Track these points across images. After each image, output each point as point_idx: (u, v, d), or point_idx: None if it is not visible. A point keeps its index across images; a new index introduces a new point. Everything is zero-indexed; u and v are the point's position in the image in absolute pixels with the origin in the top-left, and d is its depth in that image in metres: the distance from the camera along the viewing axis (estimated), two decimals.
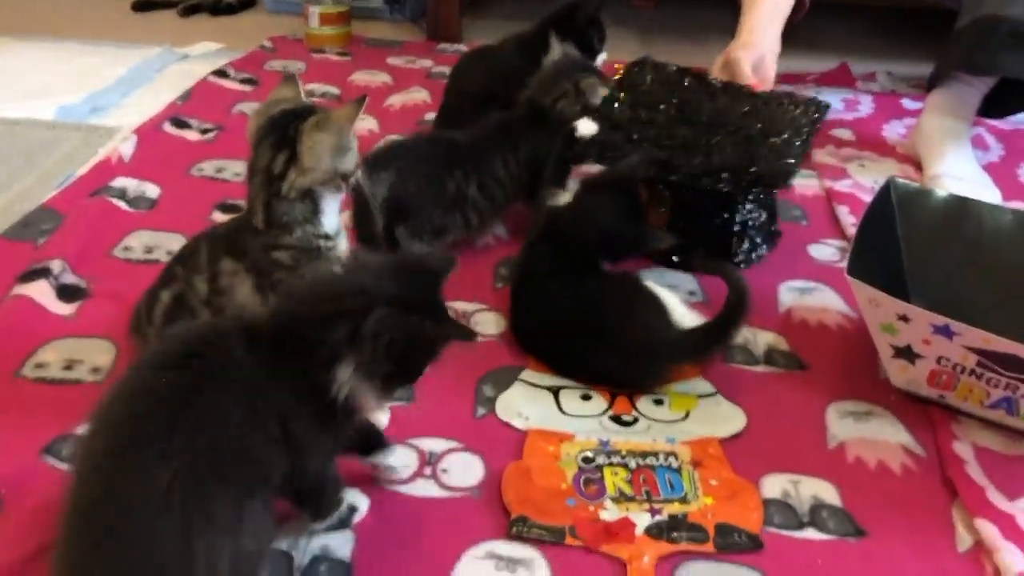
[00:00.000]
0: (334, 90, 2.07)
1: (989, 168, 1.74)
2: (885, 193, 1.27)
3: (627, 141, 1.37)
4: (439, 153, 1.39)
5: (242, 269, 1.02)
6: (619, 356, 1.12)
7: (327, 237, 1.02)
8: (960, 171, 1.66)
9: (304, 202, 0.99)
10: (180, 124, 1.83)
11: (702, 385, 1.15)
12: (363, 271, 0.85)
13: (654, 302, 1.15)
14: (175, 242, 1.40)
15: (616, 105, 1.46)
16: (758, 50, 1.65)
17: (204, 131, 1.82)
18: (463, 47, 2.41)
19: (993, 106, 1.80)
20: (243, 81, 2.10)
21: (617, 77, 1.55)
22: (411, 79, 2.14)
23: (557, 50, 1.54)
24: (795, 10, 1.76)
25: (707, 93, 1.49)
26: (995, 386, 1.01)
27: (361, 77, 2.16)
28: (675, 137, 1.36)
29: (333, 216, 1.02)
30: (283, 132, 0.98)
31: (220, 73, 2.11)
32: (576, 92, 1.43)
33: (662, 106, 1.46)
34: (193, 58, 2.28)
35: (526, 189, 1.43)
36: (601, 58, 1.68)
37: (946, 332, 0.99)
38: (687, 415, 1.10)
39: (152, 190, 1.57)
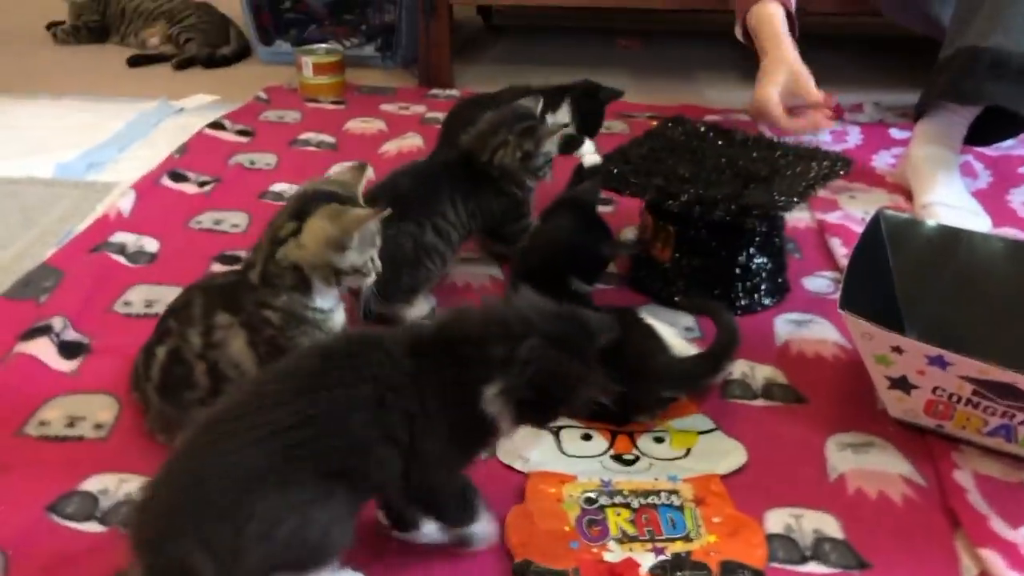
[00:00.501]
0: (329, 139, 2.10)
1: (978, 195, 1.76)
2: (875, 225, 1.29)
3: (633, 173, 1.39)
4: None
5: (236, 323, 1.03)
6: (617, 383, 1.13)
7: (318, 311, 1.05)
8: (950, 199, 1.68)
9: (294, 273, 1.02)
10: (178, 177, 1.85)
11: (702, 421, 1.15)
12: (530, 306, 0.89)
13: (650, 333, 1.17)
14: (174, 295, 1.41)
15: (633, 148, 1.49)
16: (789, 77, 1.70)
17: (202, 184, 1.84)
18: (455, 92, 2.44)
19: (979, 134, 1.82)
20: (239, 132, 2.13)
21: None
22: (405, 125, 2.17)
23: (566, 115, 1.61)
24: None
25: (726, 142, 1.52)
26: (992, 414, 1.02)
27: (356, 125, 2.19)
28: (679, 173, 1.38)
29: (326, 296, 1.05)
30: (304, 206, 1.02)
31: (216, 125, 2.14)
32: (517, 143, 1.40)
33: (676, 149, 1.48)
34: (189, 111, 2.31)
35: (487, 231, 1.45)
36: (588, 146, 1.69)
37: (940, 363, 1.00)
38: (688, 452, 1.11)
39: (151, 244, 1.59)
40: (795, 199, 1.33)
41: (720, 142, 1.52)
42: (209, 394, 1.04)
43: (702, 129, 1.56)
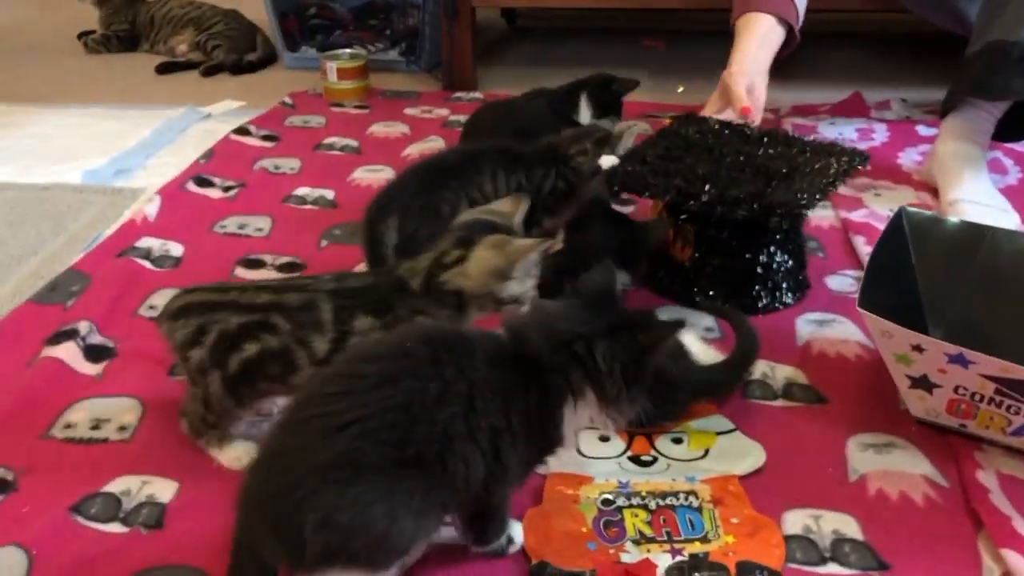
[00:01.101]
0: (353, 143, 2.11)
1: (1007, 191, 1.73)
2: (897, 222, 1.27)
3: (651, 174, 1.38)
4: (429, 181, 1.43)
5: (379, 327, 1.03)
6: None
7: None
8: (978, 196, 1.66)
9: (455, 297, 1.05)
10: (203, 183, 1.87)
11: (720, 422, 1.15)
12: (574, 306, 0.90)
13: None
14: None
15: (648, 148, 1.50)
16: (748, 76, 1.69)
17: (227, 188, 1.86)
18: (479, 95, 2.45)
19: (1008, 129, 1.80)
20: (264, 138, 2.15)
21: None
22: (428, 129, 2.18)
23: (586, 111, 1.76)
24: (786, 43, 1.78)
25: (742, 139, 1.51)
26: (1015, 413, 1.00)
27: (379, 129, 2.21)
28: (698, 172, 1.37)
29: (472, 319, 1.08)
30: (471, 235, 1.07)
31: (241, 131, 2.16)
32: (593, 152, 1.54)
33: (692, 148, 1.48)
34: (215, 117, 2.34)
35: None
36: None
37: (961, 361, 0.98)
38: (706, 453, 1.10)
39: (176, 248, 1.61)
40: (817, 196, 1.32)
41: (736, 139, 1.51)
42: (289, 392, 1.04)
43: (716, 126, 1.55)
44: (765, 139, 1.50)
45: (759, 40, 1.74)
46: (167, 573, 0.94)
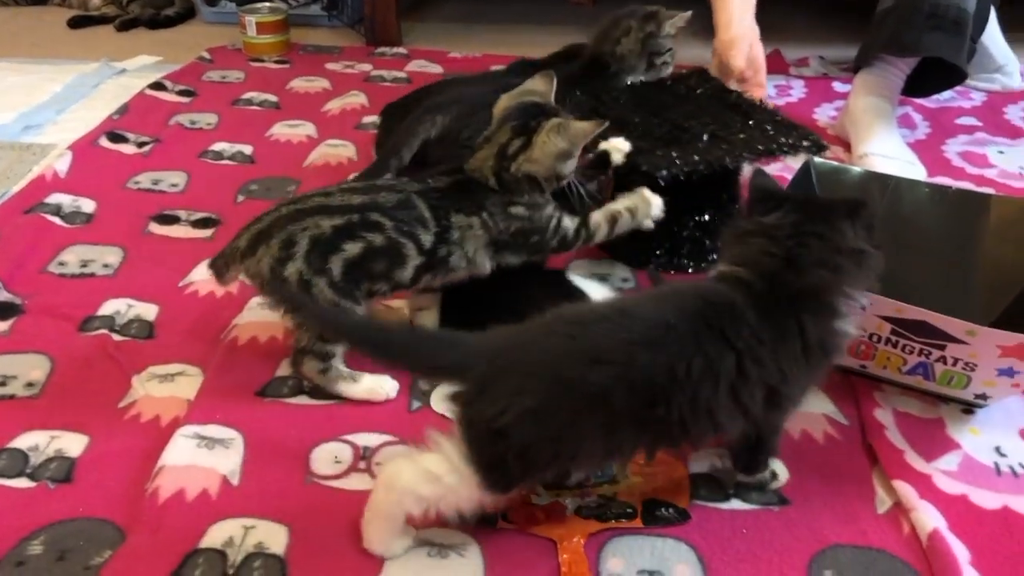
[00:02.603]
0: (272, 98, 2.08)
1: (916, 146, 1.78)
2: (806, 172, 1.30)
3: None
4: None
5: (476, 223, 1.10)
6: None
7: (548, 198, 1.15)
8: (887, 149, 1.70)
9: (529, 181, 1.11)
10: (116, 138, 1.82)
11: None
12: (774, 218, 0.90)
13: (577, 299, 1.17)
14: (110, 255, 1.41)
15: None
16: (743, 43, 1.69)
17: (141, 144, 1.81)
18: (403, 51, 2.42)
19: (918, 85, 1.84)
20: (181, 93, 2.10)
21: None
22: (350, 84, 2.15)
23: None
24: None
25: (667, 93, 1.50)
26: (910, 352, 1.04)
27: (299, 84, 2.17)
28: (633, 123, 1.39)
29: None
30: (526, 122, 1.11)
31: (157, 86, 2.10)
32: (640, 26, 1.57)
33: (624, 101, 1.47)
34: (131, 72, 2.27)
35: None
36: None
37: None
38: None
39: (88, 205, 1.57)
40: (747, 155, 1.32)
41: (660, 94, 1.51)
42: (396, 288, 1.10)
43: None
44: (691, 95, 1.49)
45: (741, 2, 1.73)
46: (75, 526, 0.93)
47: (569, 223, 1.16)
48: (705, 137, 1.36)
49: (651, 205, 1.19)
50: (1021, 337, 0.96)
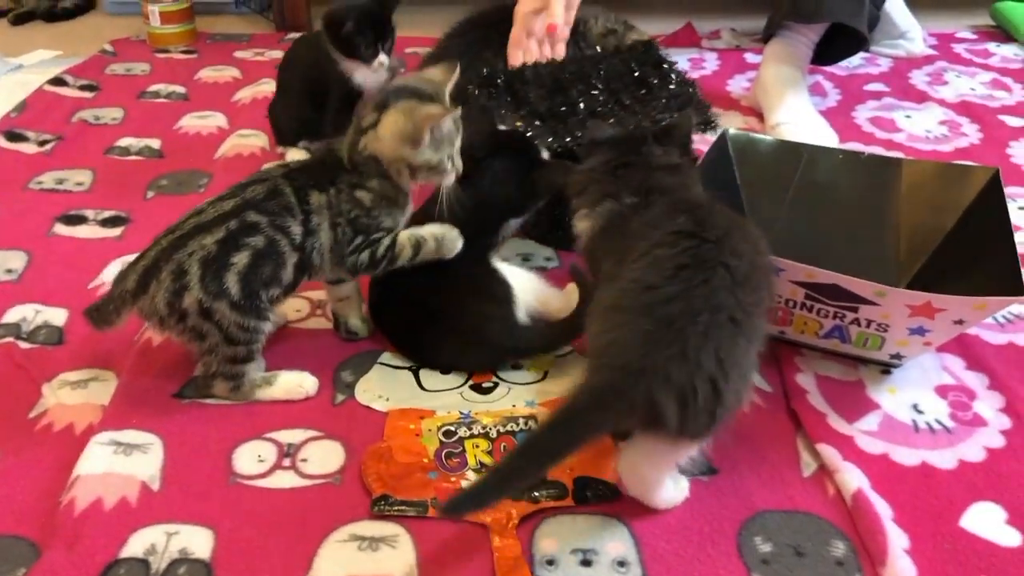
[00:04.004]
0: (180, 89, 2.01)
1: (827, 113, 1.82)
2: (722, 144, 1.31)
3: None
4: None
5: (323, 201, 1.05)
6: (459, 345, 1.12)
7: (404, 195, 1.09)
8: (798, 118, 1.73)
9: (375, 164, 1.06)
10: (15, 137, 1.75)
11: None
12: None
13: (502, 290, 1.13)
14: (14, 259, 1.36)
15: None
16: None
17: (42, 142, 1.74)
18: None
19: (825, 53, 1.88)
20: (83, 88, 2.02)
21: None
22: (260, 72, 2.10)
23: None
24: None
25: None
26: (825, 316, 1.06)
27: (208, 74, 2.11)
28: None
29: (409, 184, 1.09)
30: (386, 99, 1.05)
31: (58, 81, 2.02)
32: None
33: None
34: (28, 67, 2.18)
35: None
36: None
37: None
38: (545, 375, 1.12)
39: None
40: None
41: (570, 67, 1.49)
42: (286, 291, 1.05)
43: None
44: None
45: None
46: None
47: (387, 242, 1.09)
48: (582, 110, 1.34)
49: (456, 240, 1.11)
50: (927, 296, 0.98)
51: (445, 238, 1.10)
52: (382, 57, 1.55)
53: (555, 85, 1.38)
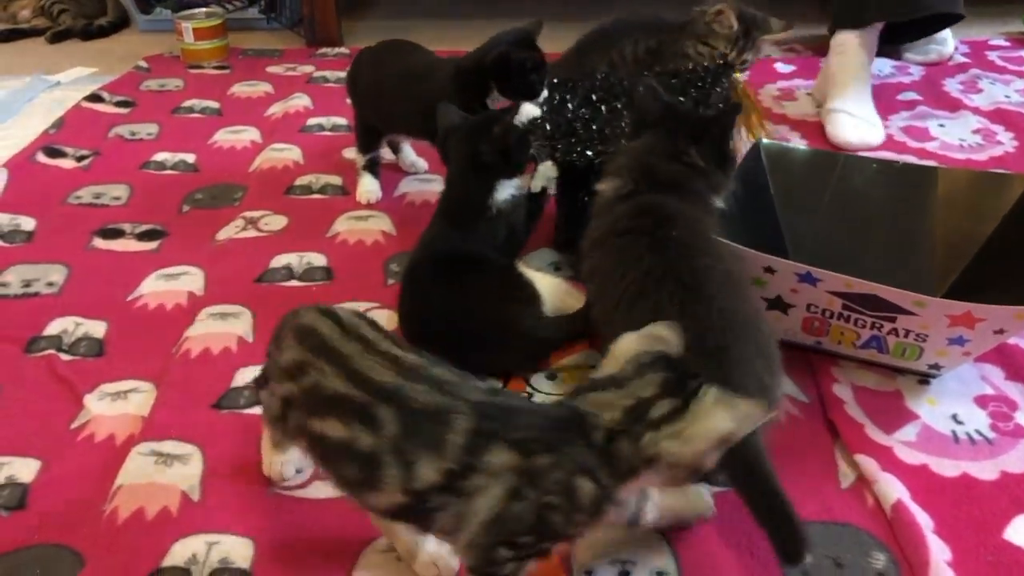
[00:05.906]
0: (214, 104, 2.04)
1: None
2: (755, 154, 1.31)
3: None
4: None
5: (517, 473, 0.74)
6: (494, 348, 1.14)
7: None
8: (855, 108, 1.77)
9: (645, 464, 0.75)
10: (54, 153, 1.78)
11: (591, 357, 1.17)
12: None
13: (528, 291, 1.17)
14: (54, 273, 1.38)
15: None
16: None
17: (80, 158, 1.77)
18: (345, 50, 2.39)
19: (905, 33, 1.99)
20: (118, 104, 2.05)
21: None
22: (292, 86, 2.12)
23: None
24: None
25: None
26: (863, 327, 1.05)
27: (241, 89, 2.13)
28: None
29: None
30: (680, 379, 0.76)
31: (94, 98, 2.06)
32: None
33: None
34: (65, 85, 2.22)
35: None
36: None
37: (809, 279, 1.03)
38: None
39: (27, 223, 1.53)
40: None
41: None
42: None
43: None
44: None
45: None
46: (31, 554, 0.91)
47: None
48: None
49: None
50: (967, 306, 0.98)
51: None
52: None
53: (586, 99, 1.39)
